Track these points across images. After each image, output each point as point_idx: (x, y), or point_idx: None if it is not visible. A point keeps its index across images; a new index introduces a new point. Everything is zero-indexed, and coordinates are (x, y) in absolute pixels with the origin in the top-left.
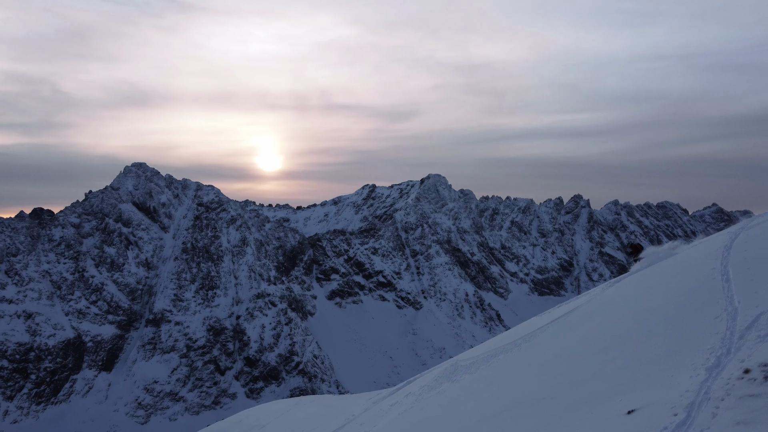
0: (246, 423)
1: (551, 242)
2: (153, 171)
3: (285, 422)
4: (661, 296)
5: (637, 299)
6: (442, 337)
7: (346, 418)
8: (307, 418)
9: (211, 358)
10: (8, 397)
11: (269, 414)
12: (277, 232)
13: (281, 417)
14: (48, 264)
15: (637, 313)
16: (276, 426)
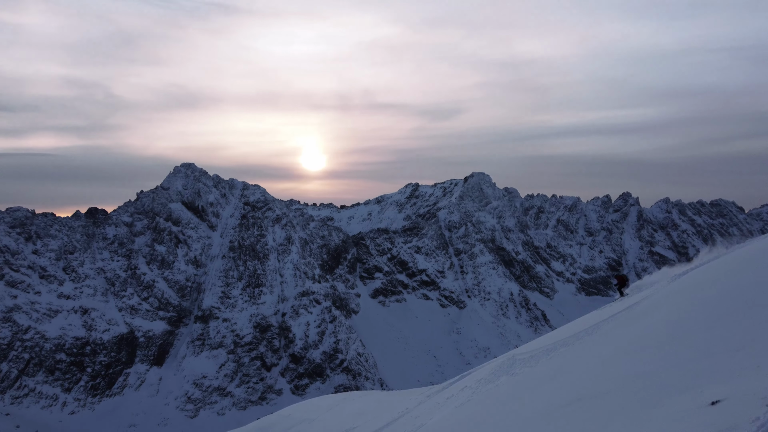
0: (295, 417)
1: (599, 241)
2: (201, 171)
3: (335, 416)
4: (729, 287)
5: (703, 291)
6: (487, 336)
7: (399, 411)
8: (358, 413)
9: (258, 355)
10: (66, 389)
11: (318, 408)
12: (321, 231)
13: (330, 411)
14: (102, 261)
15: (705, 304)
16: (326, 419)
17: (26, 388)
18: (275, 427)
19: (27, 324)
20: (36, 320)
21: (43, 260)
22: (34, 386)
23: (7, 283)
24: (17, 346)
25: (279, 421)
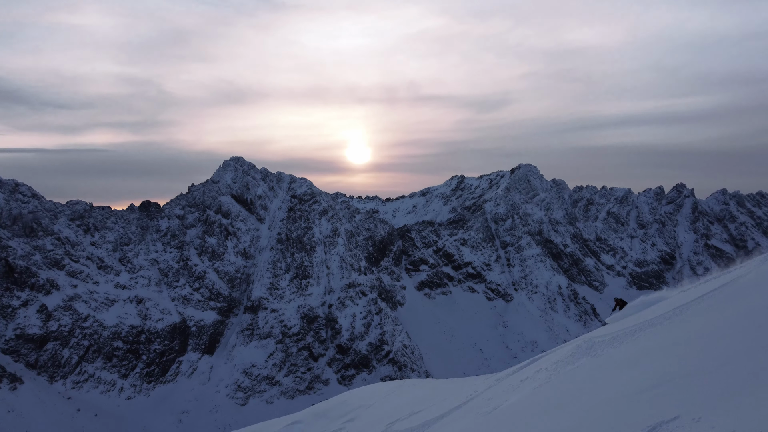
0: (351, 402)
1: (651, 234)
2: (249, 164)
3: (393, 402)
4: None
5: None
6: (534, 330)
7: (467, 395)
8: (416, 399)
9: (305, 345)
10: (123, 375)
11: (373, 395)
12: (367, 223)
13: (387, 397)
14: (156, 253)
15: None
16: (384, 405)
17: (86, 374)
18: (332, 412)
19: (86, 312)
20: (94, 309)
21: (100, 251)
22: (93, 372)
23: (67, 273)
24: (77, 334)
25: (335, 406)
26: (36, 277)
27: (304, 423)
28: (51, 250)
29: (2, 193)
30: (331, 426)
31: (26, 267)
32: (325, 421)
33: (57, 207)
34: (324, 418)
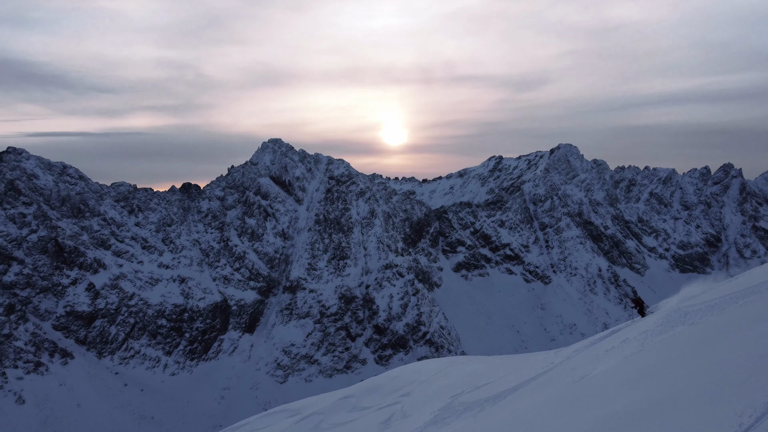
0: (404, 378)
1: (696, 215)
2: (288, 146)
3: (449, 377)
4: None
5: None
6: (573, 313)
7: (544, 366)
8: (476, 373)
9: (343, 325)
10: (167, 353)
11: (426, 371)
12: (403, 205)
13: (442, 373)
14: (197, 233)
15: None
16: (440, 380)
17: (132, 350)
18: (384, 387)
19: (132, 291)
20: (139, 288)
21: (144, 232)
22: (139, 348)
23: (113, 252)
24: (124, 312)
25: (387, 382)
26: (84, 256)
27: (355, 397)
28: (97, 230)
29: (51, 175)
30: (384, 400)
31: (75, 247)
32: (377, 396)
33: (102, 188)
34: (376, 393)
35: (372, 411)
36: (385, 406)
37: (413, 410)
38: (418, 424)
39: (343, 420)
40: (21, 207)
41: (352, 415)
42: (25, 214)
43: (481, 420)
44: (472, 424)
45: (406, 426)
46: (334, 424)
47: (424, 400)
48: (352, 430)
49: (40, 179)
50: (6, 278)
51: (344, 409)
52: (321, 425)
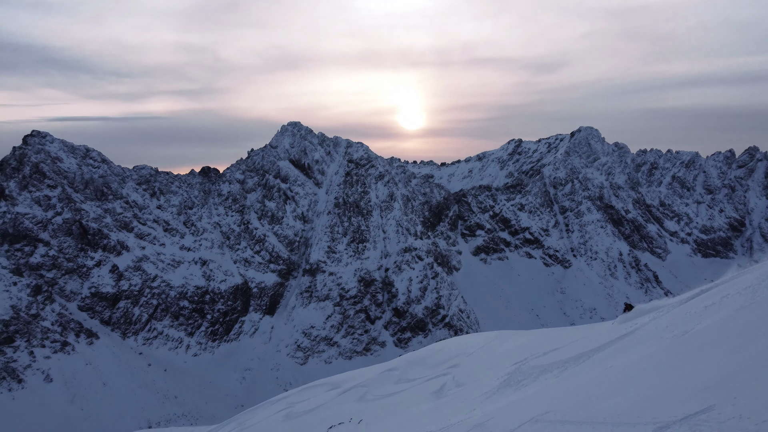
0: (448, 351)
1: (719, 199)
2: (307, 129)
3: (498, 349)
4: None
5: None
6: (593, 297)
7: (625, 329)
8: (532, 344)
9: (362, 308)
10: (189, 333)
11: (470, 344)
12: (422, 188)
13: (489, 346)
14: (218, 216)
15: None
16: (489, 352)
17: (155, 331)
18: (428, 360)
19: (154, 273)
20: (162, 270)
21: (166, 215)
22: (162, 329)
23: (136, 235)
24: (147, 293)
25: (430, 355)
26: (107, 238)
27: (399, 370)
28: (120, 213)
29: (75, 158)
30: (430, 372)
31: (98, 229)
32: (422, 368)
33: (125, 171)
34: (420, 365)
35: (419, 382)
36: (434, 378)
37: (467, 380)
38: (485, 389)
39: (390, 391)
40: (46, 189)
41: (398, 386)
42: (50, 196)
43: (568, 379)
44: (562, 383)
45: (466, 393)
46: (381, 395)
47: (477, 369)
48: (402, 399)
49: (64, 162)
50: (33, 260)
51: (389, 381)
52: (366, 396)
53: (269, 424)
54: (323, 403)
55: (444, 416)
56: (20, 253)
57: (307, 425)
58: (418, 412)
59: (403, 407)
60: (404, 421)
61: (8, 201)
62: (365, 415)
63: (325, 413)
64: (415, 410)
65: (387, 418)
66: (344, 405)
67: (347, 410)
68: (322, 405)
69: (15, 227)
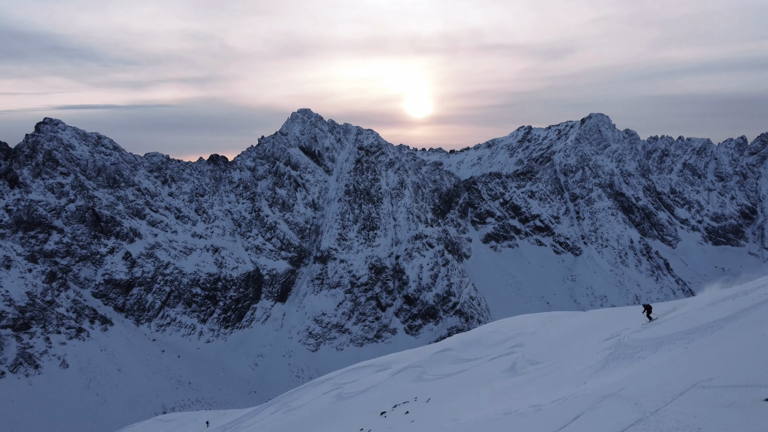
0: (505, 332)
1: (731, 186)
2: (317, 116)
3: (561, 328)
4: None
5: None
6: (604, 284)
7: (747, 304)
8: (605, 322)
9: (373, 295)
10: (202, 320)
11: (528, 324)
12: (432, 175)
13: (550, 324)
14: (229, 204)
15: None
16: (551, 332)
17: (168, 318)
18: (485, 340)
19: (167, 260)
20: (174, 257)
21: (177, 202)
22: (175, 316)
23: (148, 222)
24: (159, 280)
25: (486, 335)
26: (120, 226)
27: (455, 350)
28: (132, 200)
29: (87, 145)
30: (491, 352)
31: (111, 216)
32: (479, 348)
33: (136, 159)
34: (476, 346)
35: (482, 362)
36: (497, 357)
37: (543, 357)
38: (587, 363)
39: (449, 371)
40: (59, 177)
41: (457, 366)
42: (63, 184)
43: (710, 347)
44: (704, 350)
45: (555, 369)
46: (441, 375)
47: (552, 347)
48: (468, 378)
49: (77, 150)
50: (47, 247)
51: (445, 361)
52: (424, 377)
53: (321, 405)
54: (376, 383)
55: (534, 391)
56: (34, 240)
57: (365, 405)
58: (494, 389)
59: (473, 385)
60: (481, 399)
61: (22, 188)
62: (430, 393)
63: (381, 393)
64: (489, 387)
65: (457, 396)
66: (400, 385)
67: (406, 390)
68: (376, 385)
69: (29, 214)
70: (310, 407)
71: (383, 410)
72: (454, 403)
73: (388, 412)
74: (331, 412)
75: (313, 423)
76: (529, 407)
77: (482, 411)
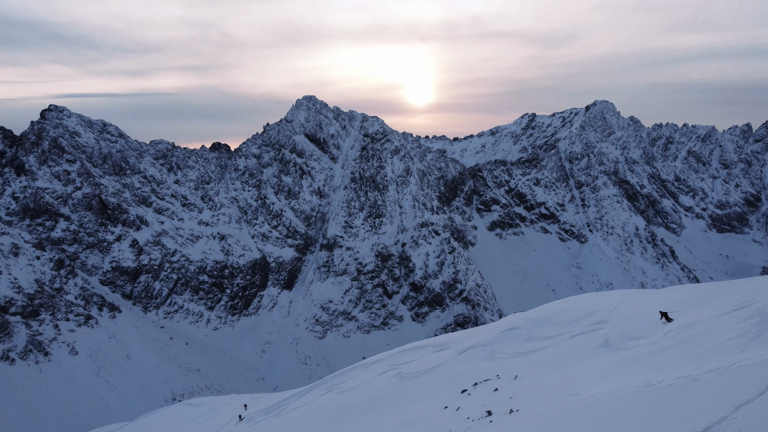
0: (575, 310)
1: (735, 174)
2: (322, 103)
3: (642, 304)
4: None
5: None
6: (610, 272)
7: None
8: (697, 297)
9: (380, 282)
10: (209, 308)
11: (604, 302)
12: (438, 163)
13: (627, 301)
14: (235, 191)
15: None
16: (632, 307)
17: (176, 305)
18: (556, 318)
19: (174, 248)
20: (181, 244)
21: (183, 189)
22: (183, 304)
23: (155, 210)
24: (167, 267)
25: (555, 314)
26: (127, 213)
27: (525, 329)
28: (139, 187)
29: (92, 132)
30: (570, 329)
31: (118, 204)
32: (551, 327)
33: (142, 146)
34: (547, 324)
35: (562, 339)
36: (580, 334)
37: (640, 333)
38: (727, 335)
39: (524, 350)
40: (65, 164)
41: (533, 344)
42: (69, 171)
43: None
44: None
45: (671, 343)
46: (516, 354)
47: (644, 323)
48: (552, 356)
49: (82, 137)
50: (54, 234)
51: (517, 340)
52: (496, 355)
53: (381, 385)
54: (440, 363)
55: (666, 364)
56: (41, 227)
57: (435, 384)
58: (599, 365)
59: (566, 362)
60: (588, 374)
61: (28, 176)
62: (512, 372)
63: (450, 372)
64: (589, 363)
65: (551, 372)
66: (470, 364)
67: (479, 369)
68: (441, 365)
69: (36, 202)
70: (368, 388)
71: (463, 388)
72: (551, 379)
73: (469, 390)
74: (397, 392)
75: (378, 403)
76: (678, 378)
77: (605, 385)
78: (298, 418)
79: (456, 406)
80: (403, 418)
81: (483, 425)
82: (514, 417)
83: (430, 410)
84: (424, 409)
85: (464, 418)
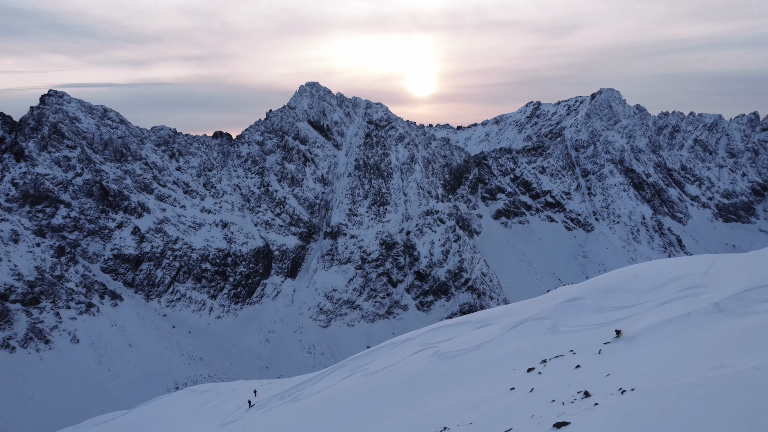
0: (649, 277)
1: (742, 163)
2: (325, 90)
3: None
4: None
5: None
6: (616, 261)
7: None
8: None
9: (384, 271)
10: (212, 296)
11: (684, 267)
12: (443, 150)
13: (725, 263)
14: (238, 178)
15: None
16: (752, 272)
17: (178, 293)
18: (625, 287)
19: (176, 235)
20: (183, 232)
21: (185, 176)
22: (185, 292)
23: (156, 197)
24: (169, 255)
25: (623, 282)
26: (128, 200)
27: (589, 299)
28: (140, 174)
29: (93, 118)
30: (650, 298)
31: (119, 191)
32: (620, 295)
33: (143, 132)
34: (615, 293)
35: (644, 308)
36: (670, 301)
37: (761, 295)
38: None
39: (596, 321)
40: (65, 150)
41: (604, 316)
42: (70, 157)
43: None
44: None
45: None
46: (587, 326)
47: (760, 286)
48: (646, 325)
49: (83, 122)
50: (54, 221)
51: (582, 311)
52: (559, 328)
53: (417, 366)
54: (488, 339)
55: None
56: (42, 214)
57: (486, 362)
58: (717, 335)
59: (660, 334)
60: (704, 345)
61: (28, 161)
62: (589, 346)
63: (503, 350)
64: (710, 333)
65: (652, 345)
66: (528, 340)
67: (542, 344)
68: (489, 341)
69: (36, 188)
70: (401, 369)
71: (528, 367)
72: (658, 353)
73: (538, 368)
74: (438, 372)
75: (417, 385)
76: None
77: (755, 355)
78: (317, 404)
79: (528, 387)
80: (460, 400)
81: (584, 409)
82: (630, 398)
83: (490, 392)
84: (482, 391)
85: (548, 401)
